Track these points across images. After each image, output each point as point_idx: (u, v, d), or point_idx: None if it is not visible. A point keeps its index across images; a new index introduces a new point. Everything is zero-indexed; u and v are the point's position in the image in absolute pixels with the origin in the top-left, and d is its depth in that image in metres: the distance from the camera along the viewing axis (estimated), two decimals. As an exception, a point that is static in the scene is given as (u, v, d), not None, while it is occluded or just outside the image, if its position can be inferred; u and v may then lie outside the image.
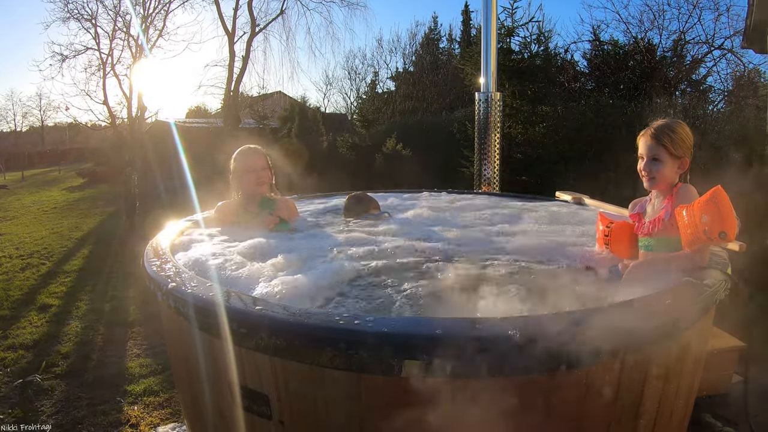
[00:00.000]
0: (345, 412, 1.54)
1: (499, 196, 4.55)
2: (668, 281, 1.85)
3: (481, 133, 5.72)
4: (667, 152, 2.24)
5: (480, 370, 1.39)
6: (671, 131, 2.25)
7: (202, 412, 2.07)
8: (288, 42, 24.88)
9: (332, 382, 1.51)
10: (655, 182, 2.30)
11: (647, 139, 2.30)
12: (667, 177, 2.28)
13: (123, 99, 22.02)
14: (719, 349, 3.45)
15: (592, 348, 1.41)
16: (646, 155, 2.30)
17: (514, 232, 3.07)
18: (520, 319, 1.48)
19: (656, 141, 2.26)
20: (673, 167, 2.27)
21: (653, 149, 2.27)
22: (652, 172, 2.28)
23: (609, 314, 1.53)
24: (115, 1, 20.68)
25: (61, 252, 9.67)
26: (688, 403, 2.10)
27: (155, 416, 3.81)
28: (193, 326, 1.80)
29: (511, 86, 9.90)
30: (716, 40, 12.80)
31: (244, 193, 3.24)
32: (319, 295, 1.98)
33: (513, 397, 1.40)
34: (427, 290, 2.01)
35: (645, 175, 2.32)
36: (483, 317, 1.61)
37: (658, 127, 2.28)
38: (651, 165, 2.28)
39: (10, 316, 5.95)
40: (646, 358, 1.61)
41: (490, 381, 1.41)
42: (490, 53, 5.58)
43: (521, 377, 1.42)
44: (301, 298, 1.92)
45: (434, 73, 21.34)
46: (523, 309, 1.73)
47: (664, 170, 2.26)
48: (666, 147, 2.24)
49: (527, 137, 9.80)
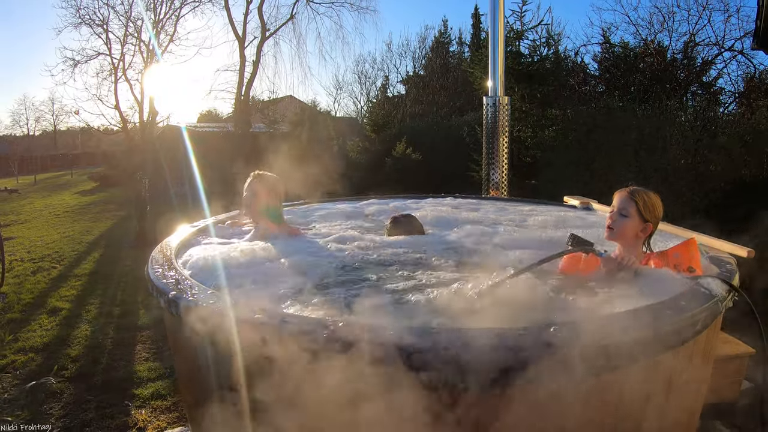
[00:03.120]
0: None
1: (505, 200, 4.54)
2: (669, 291, 1.84)
3: (489, 138, 5.71)
4: (636, 211, 2.37)
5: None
6: (646, 195, 2.40)
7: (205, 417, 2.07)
8: (298, 46, 25.08)
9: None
10: (612, 233, 2.42)
11: (622, 194, 2.44)
12: (627, 233, 2.39)
13: (134, 103, 22.26)
14: (729, 355, 3.42)
15: (592, 359, 1.40)
16: (617, 207, 2.42)
17: (515, 238, 3.07)
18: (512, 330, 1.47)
19: (630, 197, 2.39)
20: (636, 227, 2.38)
21: (624, 203, 2.40)
22: (615, 223, 2.40)
23: (606, 324, 1.51)
24: (126, 6, 20.91)
25: (72, 256, 9.75)
26: (693, 414, 2.07)
27: (162, 420, 3.83)
28: (195, 333, 1.81)
29: (521, 90, 9.88)
30: (726, 41, 12.69)
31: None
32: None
33: (509, 409, 1.39)
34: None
35: (607, 225, 2.44)
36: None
37: (635, 189, 2.43)
38: (617, 217, 2.40)
39: (20, 319, 5.99)
40: (645, 370, 1.59)
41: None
42: (498, 57, 5.56)
43: (514, 390, 1.42)
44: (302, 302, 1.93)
45: (444, 76, 21.33)
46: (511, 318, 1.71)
47: (626, 225, 2.38)
48: (637, 205, 2.37)
49: (537, 140, 9.77)
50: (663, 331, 1.55)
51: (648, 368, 1.59)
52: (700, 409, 2.17)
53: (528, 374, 1.36)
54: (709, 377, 2.15)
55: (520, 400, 1.42)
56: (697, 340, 1.74)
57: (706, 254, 2.47)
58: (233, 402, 1.78)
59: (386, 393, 1.41)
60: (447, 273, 2.36)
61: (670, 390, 1.72)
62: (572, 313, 1.79)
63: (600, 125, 9.26)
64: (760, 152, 8.63)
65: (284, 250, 2.64)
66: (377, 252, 2.76)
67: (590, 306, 1.83)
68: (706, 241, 2.74)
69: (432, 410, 1.42)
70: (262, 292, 2.02)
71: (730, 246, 2.62)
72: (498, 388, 1.41)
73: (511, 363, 1.36)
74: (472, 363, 1.34)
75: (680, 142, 8.51)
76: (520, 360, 1.36)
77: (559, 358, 1.35)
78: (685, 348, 1.70)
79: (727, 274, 2.16)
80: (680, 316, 1.62)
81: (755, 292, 3.31)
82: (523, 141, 9.83)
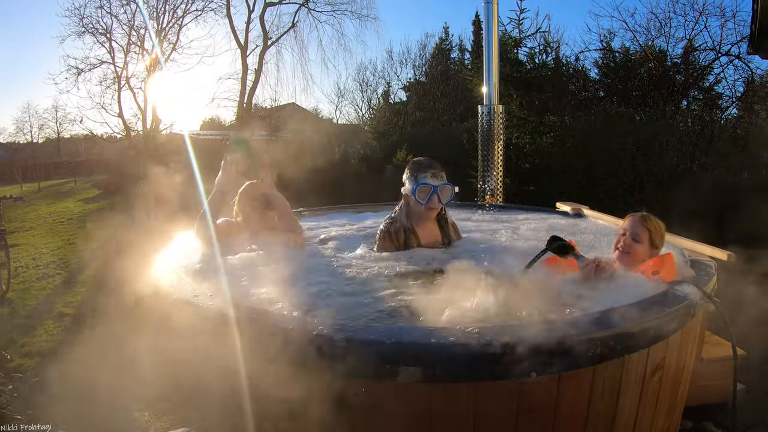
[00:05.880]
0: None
1: (498, 208, 4.61)
2: (642, 293, 1.92)
3: (484, 146, 5.80)
4: (648, 238, 2.46)
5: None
6: (657, 223, 2.50)
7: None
8: (300, 54, 25.14)
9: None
10: (627, 257, 2.47)
11: (635, 219, 2.51)
12: (638, 257, 2.46)
13: (138, 112, 22.35)
14: (719, 357, 3.47)
15: (566, 354, 1.49)
16: (630, 232, 2.49)
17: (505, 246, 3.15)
18: (489, 328, 1.56)
19: (642, 224, 2.47)
20: (646, 252, 2.47)
21: (637, 229, 2.48)
22: (628, 247, 2.47)
23: (583, 323, 1.60)
24: (129, 15, 21.04)
25: (77, 262, 9.84)
26: (673, 413, 2.14)
27: (165, 421, 3.91)
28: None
29: (519, 97, 9.95)
30: (723, 46, 12.74)
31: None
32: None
33: (481, 403, 1.48)
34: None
35: (621, 249, 2.50)
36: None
37: (646, 215, 2.51)
38: (631, 242, 2.48)
39: (27, 324, 6.09)
40: (618, 367, 1.67)
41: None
42: (493, 65, 5.67)
43: (486, 383, 1.51)
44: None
45: (445, 83, 21.40)
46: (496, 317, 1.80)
47: (639, 250, 2.46)
48: (649, 231, 2.46)
49: (535, 147, 9.85)
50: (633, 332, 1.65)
51: (619, 368, 1.68)
52: (680, 410, 2.24)
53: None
54: (687, 379, 2.21)
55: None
56: (668, 342, 1.82)
57: (688, 258, 2.55)
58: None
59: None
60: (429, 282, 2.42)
61: (646, 389, 1.79)
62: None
63: (598, 131, 9.34)
64: (757, 156, 8.70)
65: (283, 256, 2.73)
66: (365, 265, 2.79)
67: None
68: (689, 245, 2.82)
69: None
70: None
71: (710, 249, 2.71)
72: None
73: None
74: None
75: (677, 148, 8.59)
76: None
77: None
78: (658, 347, 1.78)
79: (706, 277, 2.24)
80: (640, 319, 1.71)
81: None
82: (522, 147, 9.91)
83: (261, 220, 3.24)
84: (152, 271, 2.53)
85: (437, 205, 2.94)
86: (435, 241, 3.02)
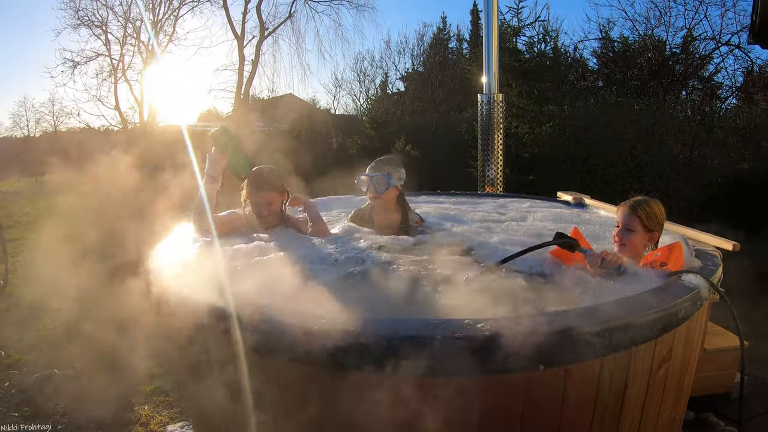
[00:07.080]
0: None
1: (498, 197, 4.58)
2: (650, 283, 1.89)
3: (484, 135, 5.76)
4: (641, 224, 2.45)
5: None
6: (647, 206, 2.47)
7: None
8: (297, 45, 25.02)
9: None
10: (625, 249, 2.48)
11: (625, 209, 2.51)
12: (637, 246, 2.47)
13: (134, 104, 22.26)
14: (722, 348, 3.45)
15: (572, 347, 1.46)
16: (622, 224, 2.50)
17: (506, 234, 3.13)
18: (493, 320, 1.53)
19: (632, 212, 2.47)
20: (644, 239, 2.47)
21: (628, 219, 2.47)
22: (624, 239, 2.48)
23: (589, 314, 1.57)
24: (125, 7, 20.89)
25: (75, 255, 9.80)
26: (678, 405, 2.12)
27: (165, 415, 3.90)
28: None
29: (518, 86, 9.91)
30: (723, 35, 12.68)
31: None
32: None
33: (489, 396, 1.45)
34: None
35: (617, 242, 2.52)
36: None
37: (635, 201, 2.50)
38: (624, 233, 2.48)
39: (24, 319, 6.05)
40: (626, 359, 1.65)
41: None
42: (492, 54, 5.62)
43: (497, 376, 1.48)
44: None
45: (443, 73, 21.33)
46: (501, 310, 1.77)
47: (635, 239, 2.46)
48: (640, 218, 2.44)
49: (534, 137, 9.81)
50: (640, 323, 1.62)
51: (625, 359, 1.65)
52: (685, 401, 2.23)
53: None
54: (692, 370, 2.19)
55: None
56: (675, 333, 1.79)
57: (693, 248, 2.53)
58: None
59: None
60: (435, 264, 2.41)
61: (653, 380, 1.77)
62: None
63: (597, 121, 9.30)
64: (757, 145, 8.67)
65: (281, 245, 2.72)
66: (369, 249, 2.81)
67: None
68: (694, 235, 2.80)
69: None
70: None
71: (716, 240, 2.68)
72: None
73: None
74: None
75: (677, 137, 8.56)
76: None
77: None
78: (665, 338, 1.76)
79: (712, 267, 2.21)
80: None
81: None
82: (521, 137, 9.87)
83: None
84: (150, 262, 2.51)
85: (376, 193, 3.27)
86: (390, 226, 3.34)
